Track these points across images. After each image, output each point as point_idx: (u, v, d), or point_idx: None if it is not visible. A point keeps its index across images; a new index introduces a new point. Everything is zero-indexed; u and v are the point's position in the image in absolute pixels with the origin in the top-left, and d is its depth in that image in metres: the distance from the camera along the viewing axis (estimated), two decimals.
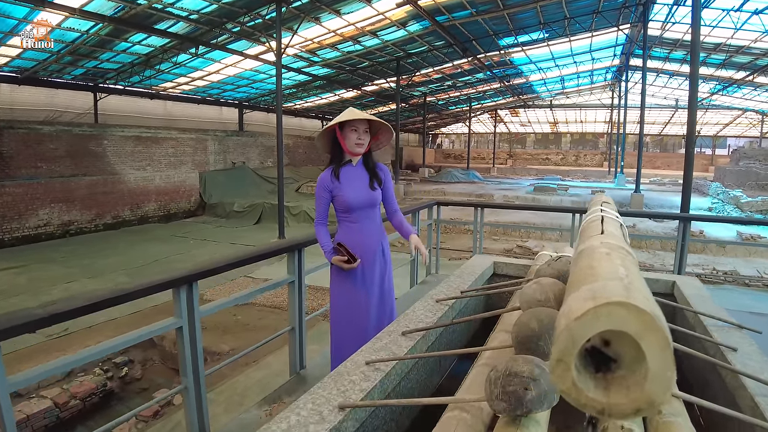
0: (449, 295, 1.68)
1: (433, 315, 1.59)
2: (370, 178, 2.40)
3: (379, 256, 2.43)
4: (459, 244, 11.18)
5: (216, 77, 17.20)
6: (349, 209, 2.35)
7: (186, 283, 2.25)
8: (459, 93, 27.47)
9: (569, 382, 0.51)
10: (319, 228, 2.45)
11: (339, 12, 12.29)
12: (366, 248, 2.37)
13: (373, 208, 2.41)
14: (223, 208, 17.97)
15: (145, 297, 2.14)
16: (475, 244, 5.42)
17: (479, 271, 2.20)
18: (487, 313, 1.39)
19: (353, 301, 2.38)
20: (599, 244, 0.69)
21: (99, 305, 1.95)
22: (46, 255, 11.96)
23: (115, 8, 10.41)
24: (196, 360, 2.37)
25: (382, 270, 2.45)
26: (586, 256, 0.64)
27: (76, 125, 14.94)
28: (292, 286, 2.91)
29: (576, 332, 0.49)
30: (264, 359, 5.67)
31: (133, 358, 6.96)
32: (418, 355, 1.28)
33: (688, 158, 8.11)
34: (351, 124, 2.30)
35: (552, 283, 1.22)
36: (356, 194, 2.34)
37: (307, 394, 1.09)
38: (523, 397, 0.77)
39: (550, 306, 1.21)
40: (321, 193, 2.37)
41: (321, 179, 2.39)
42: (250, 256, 2.53)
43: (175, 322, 2.27)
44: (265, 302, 8.08)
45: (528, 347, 0.98)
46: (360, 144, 2.32)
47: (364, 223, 2.39)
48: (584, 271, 0.56)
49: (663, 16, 15.13)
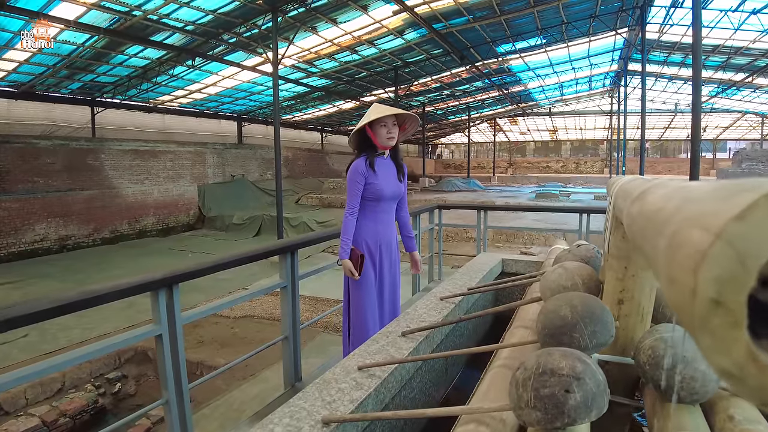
0: (455, 293, 1.48)
1: (437, 314, 1.39)
2: (397, 171, 2.50)
3: (395, 249, 2.53)
4: (462, 250, 10.96)
5: (213, 89, 17.13)
6: (379, 198, 2.40)
7: (165, 286, 2.06)
8: (458, 102, 27.41)
9: (741, 349, 0.24)
10: (349, 220, 2.44)
11: (335, 21, 12.22)
12: (387, 239, 2.47)
13: (396, 201, 2.50)
14: (222, 220, 17.78)
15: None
16: (479, 250, 5.21)
17: (486, 268, 2.00)
18: (502, 306, 1.18)
19: (369, 291, 2.43)
20: (669, 179, 0.50)
21: (66, 308, 1.75)
22: (42, 270, 11.77)
23: (110, 20, 10.33)
24: (179, 371, 2.16)
25: (395, 262, 2.54)
26: (661, 186, 0.45)
27: (73, 139, 14.83)
28: (284, 292, 2.70)
29: (744, 244, 0.24)
30: (261, 373, 5.44)
31: (126, 373, 6.72)
32: (421, 357, 1.07)
33: (694, 161, 7.89)
34: (380, 121, 2.37)
35: (579, 267, 1.02)
36: (388, 185, 2.41)
37: (284, 406, 0.89)
38: (564, 402, 0.57)
39: None
40: (356, 179, 2.37)
41: (356, 166, 2.39)
42: (237, 258, 2.33)
43: (153, 329, 2.07)
44: (264, 314, 7.85)
45: (559, 341, 0.78)
46: (391, 137, 2.39)
47: (387, 215, 2.48)
48: (678, 193, 0.36)
49: (660, 19, 15.05)
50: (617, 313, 0.89)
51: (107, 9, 9.71)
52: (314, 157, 27.40)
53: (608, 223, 0.96)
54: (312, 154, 27.29)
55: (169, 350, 2.12)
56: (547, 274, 1.05)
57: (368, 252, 2.42)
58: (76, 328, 7.25)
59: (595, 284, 1.01)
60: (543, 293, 1.04)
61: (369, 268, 2.43)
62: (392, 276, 2.50)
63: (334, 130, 30.07)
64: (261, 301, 8.35)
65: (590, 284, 1.00)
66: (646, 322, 0.90)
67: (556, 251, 1.99)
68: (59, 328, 7.26)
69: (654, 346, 0.76)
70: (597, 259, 1.27)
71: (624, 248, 0.86)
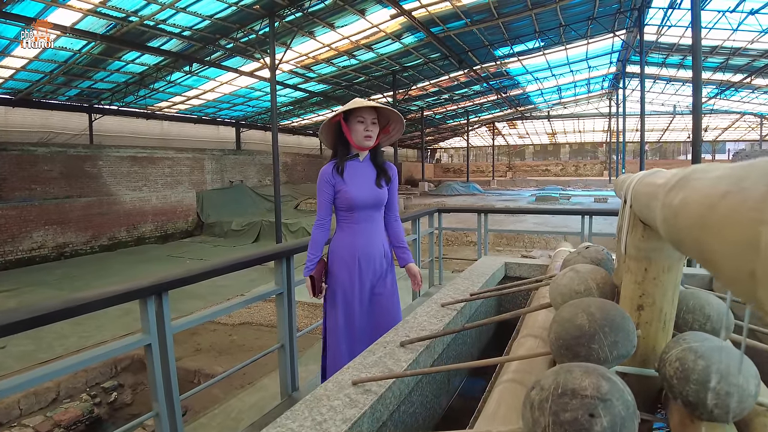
0: (456, 299, 1.39)
1: (438, 321, 1.30)
2: (377, 175, 2.17)
3: (380, 261, 2.20)
4: (462, 255, 10.88)
5: (211, 95, 17.09)
6: (351, 207, 2.12)
7: (154, 294, 1.97)
8: (456, 106, 27.40)
9: None
10: (314, 233, 2.22)
11: (333, 25, 12.19)
12: (367, 252, 2.15)
13: (377, 209, 2.18)
14: (221, 227, 17.68)
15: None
16: (480, 255, 5.12)
17: (489, 272, 1.92)
18: (508, 314, 1.10)
19: (347, 310, 2.16)
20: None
21: (46, 318, 1.66)
22: (39, 278, 11.67)
23: (106, 26, 10.29)
24: (169, 382, 2.08)
25: (383, 275, 2.21)
26: (703, 171, 0.38)
27: (70, 146, 14.76)
28: (280, 299, 2.61)
29: None
30: (259, 381, 5.33)
31: (123, 382, 6.62)
32: (421, 371, 0.98)
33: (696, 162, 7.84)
34: (357, 115, 2.07)
35: (592, 270, 0.94)
36: (360, 191, 2.11)
37: (271, 426, 0.81)
38: (589, 428, 0.49)
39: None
40: (322, 188, 2.13)
41: (322, 173, 2.13)
42: (228, 264, 2.24)
43: (142, 339, 1.98)
44: (262, 321, 7.75)
45: (575, 353, 0.70)
46: (368, 137, 2.09)
47: (366, 224, 2.16)
48: (738, 174, 0.30)
49: (658, 21, 15.03)
50: (637, 320, 0.81)
51: (103, 15, 9.66)
52: (313, 162, 27.35)
53: (624, 222, 0.88)
54: (311, 160, 27.24)
55: (159, 360, 2.04)
56: (557, 279, 0.97)
57: (344, 268, 2.15)
58: (72, 336, 7.15)
59: (610, 289, 0.92)
60: (553, 299, 0.95)
61: (340, 287, 2.16)
62: (381, 293, 2.19)
63: None
64: (260, 307, 8.25)
65: (605, 289, 0.92)
66: (668, 329, 0.81)
67: (561, 254, 1.91)
68: (55, 336, 7.16)
69: (682, 357, 0.68)
70: (608, 261, 1.19)
71: (644, 248, 0.78)
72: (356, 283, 2.15)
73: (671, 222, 0.40)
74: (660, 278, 0.78)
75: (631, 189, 0.80)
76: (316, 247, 2.19)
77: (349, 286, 2.15)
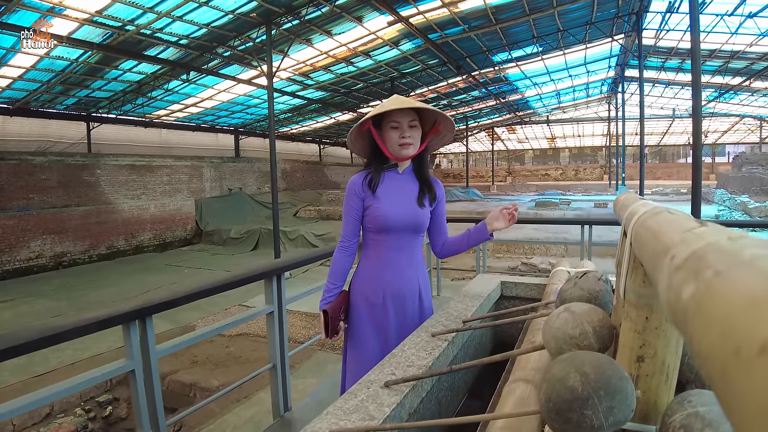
0: (448, 326, 1.32)
1: (427, 355, 1.23)
2: (420, 190, 1.73)
3: (413, 303, 1.73)
4: (461, 263, 10.80)
5: (210, 103, 17.07)
6: (383, 229, 1.67)
7: (137, 318, 1.90)
8: (455, 112, 27.36)
9: None
10: (336, 258, 1.77)
11: (330, 33, 12.16)
12: (397, 289, 1.70)
13: (416, 234, 1.72)
14: (219, 235, 17.61)
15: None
16: (479, 262, 5.05)
17: (484, 294, 1.84)
18: (498, 356, 1.02)
19: (368, 360, 1.68)
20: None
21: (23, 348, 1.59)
22: (37, 288, 11.61)
23: (103, 35, 10.27)
24: (154, 408, 2.01)
25: (415, 318, 1.73)
26: (739, 241, 0.30)
27: (68, 155, 14.73)
28: (270, 318, 2.54)
29: None
30: (255, 395, 5.25)
31: (118, 395, 6.53)
32: (400, 426, 0.90)
33: (696, 166, 7.74)
34: (390, 119, 1.65)
35: (588, 312, 0.87)
36: (396, 209, 1.66)
37: None
38: None
39: (588, 345, 0.85)
40: (349, 201, 1.71)
41: (351, 184, 1.72)
42: (215, 285, 2.17)
43: (126, 365, 1.91)
44: (260, 332, 7.66)
45: (566, 418, 0.63)
46: (406, 144, 1.64)
47: (399, 253, 1.70)
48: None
49: (656, 25, 15.02)
50: (637, 372, 0.74)
51: (100, 24, 9.64)
52: (312, 169, 27.32)
53: (623, 260, 0.81)
54: (310, 166, 27.21)
55: (143, 386, 1.97)
56: (551, 320, 0.89)
57: (366, 307, 1.72)
58: (68, 349, 7.07)
59: (608, 332, 0.85)
60: (546, 342, 0.88)
61: (361, 330, 1.74)
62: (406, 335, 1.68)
63: (332, 141, 30.04)
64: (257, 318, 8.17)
65: (602, 332, 0.85)
66: (671, 382, 0.74)
67: (558, 274, 1.84)
68: (51, 349, 7.05)
69: (687, 424, 0.61)
70: (606, 292, 1.12)
71: (646, 295, 0.71)
72: (381, 329, 1.72)
73: (679, 317, 0.33)
74: (663, 328, 0.71)
75: (631, 227, 0.73)
76: (337, 276, 1.76)
77: (370, 331, 1.73)
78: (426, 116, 1.71)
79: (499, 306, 2.05)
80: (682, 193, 23.71)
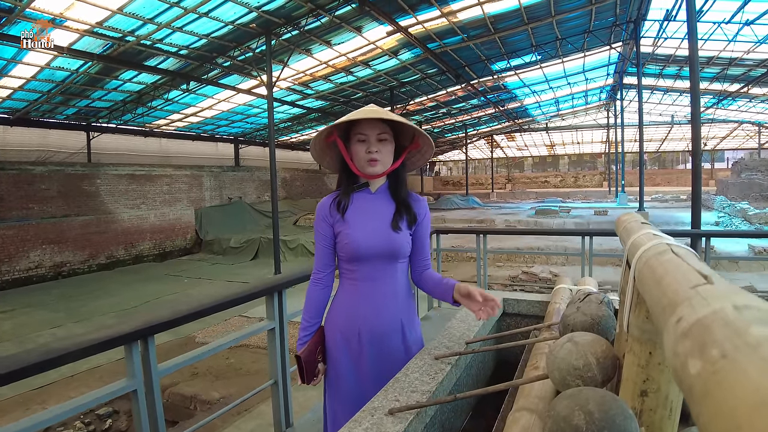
0: (451, 348, 1.32)
1: (431, 379, 1.22)
2: (396, 212, 1.50)
3: (396, 342, 1.50)
4: (462, 272, 10.79)
5: (209, 113, 17.12)
6: (354, 258, 1.47)
7: (140, 338, 1.90)
8: (454, 120, 27.48)
9: None
10: (310, 292, 1.57)
11: (329, 43, 12.24)
12: (374, 326, 1.47)
13: (393, 262, 1.49)
14: (219, 244, 17.60)
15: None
16: (479, 273, 5.04)
17: None
18: (501, 385, 1.02)
19: (350, 408, 1.43)
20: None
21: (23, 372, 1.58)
22: (36, 298, 11.58)
23: (103, 46, 10.33)
24: (156, 427, 2.00)
25: (399, 357, 1.50)
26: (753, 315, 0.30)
27: (68, 165, 14.75)
28: (271, 334, 2.53)
29: None
30: (257, 407, 5.21)
31: (118, 408, 6.49)
32: None
33: (696, 174, 7.75)
34: (357, 131, 1.45)
35: (592, 342, 0.87)
36: (368, 235, 1.46)
37: None
38: None
39: (591, 376, 0.85)
40: (318, 228, 1.53)
41: (319, 206, 1.54)
42: (217, 303, 2.16)
43: (128, 385, 1.90)
44: (260, 343, 7.63)
45: None
46: (373, 161, 1.43)
47: (375, 284, 1.48)
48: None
49: (654, 33, 15.12)
50: (640, 407, 0.74)
51: (100, 35, 9.70)
52: (312, 177, 27.37)
53: (627, 293, 0.81)
54: (310, 175, 27.25)
55: (145, 406, 1.96)
56: (555, 350, 0.90)
57: (343, 346, 1.50)
58: None
59: (611, 363, 0.85)
60: (550, 372, 0.88)
61: (338, 373, 1.51)
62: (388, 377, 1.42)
63: None
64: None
65: (605, 363, 0.85)
66: (675, 417, 0.74)
67: (560, 293, 1.84)
68: None
69: None
70: (608, 317, 1.12)
71: (648, 331, 0.71)
72: (358, 368, 1.49)
73: (686, 390, 0.33)
74: (666, 364, 0.71)
75: (635, 263, 0.73)
76: (312, 312, 1.56)
77: (346, 369, 1.50)
78: (404, 130, 1.52)
79: (501, 324, 2.05)
80: (681, 199, 23.72)
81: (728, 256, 10.24)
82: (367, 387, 1.44)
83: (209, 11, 9.46)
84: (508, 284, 10.01)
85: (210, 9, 9.38)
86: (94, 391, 1.83)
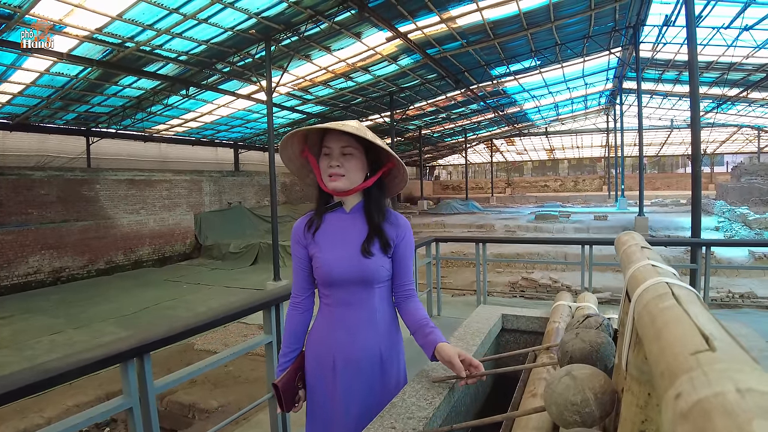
0: (448, 371, 1.31)
1: (428, 405, 1.21)
2: (369, 235, 1.38)
3: (372, 371, 1.39)
4: (462, 278, 10.77)
5: (209, 118, 17.14)
6: (327, 282, 1.39)
7: (135, 356, 1.88)
8: (454, 125, 27.52)
9: None
10: (289, 315, 1.51)
11: (329, 48, 12.26)
12: (349, 354, 1.38)
13: (368, 288, 1.38)
14: (219, 249, 17.58)
15: None
16: (479, 282, 5.03)
17: (485, 329, 1.83)
18: (500, 416, 1.01)
19: (320, 421, 1.44)
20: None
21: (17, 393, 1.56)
22: (35, 304, 11.56)
23: (103, 52, 10.34)
24: None
25: (374, 394, 1.39)
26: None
27: (68, 170, 14.75)
28: (269, 348, 2.52)
29: None
30: (255, 416, 5.19)
31: (116, 417, 6.46)
32: None
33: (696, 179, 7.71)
34: (323, 144, 1.38)
35: (590, 376, 0.86)
36: (338, 259, 1.36)
37: None
38: None
39: (589, 412, 0.84)
40: (294, 250, 1.46)
41: (294, 228, 1.47)
42: (214, 318, 2.15)
43: (123, 403, 1.89)
44: (259, 351, 7.60)
45: None
46: (335, 176, 1.34)
47: (352, 310, 1.39)
48: None
49: (653, 38, 15.17)
50: None
51: (100, 41, 9.71)
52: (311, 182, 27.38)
53: (626, 328, 0.80)
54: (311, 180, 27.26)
55: (141, 424, 1.95)
56: (552, 384, 0.88)
57: (320, 374, 1.42)
58: None
59: (609, 398, 0.84)
60: (548, 407, 0.87)
61: (316, 402, 1.44)
62: (371, 409, 1.34)
63: None
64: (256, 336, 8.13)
65: (604, 399, 0.83)
66: None
67: (559, 310, 1.83)
68: None
69: None
70: (607, 344, 1.11)
71: (647, 372, 0.70)
72: (333, 397, 1.39)
73: None
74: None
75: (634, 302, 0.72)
76: (292, 338, 1.49)
77: (323, 397, 1.42)
78: (381, 149, 1.38)
79: (501, 339, 2.04)
80: (681, 203, 23.74)
81: (728, 263, 10.23)
82: (340, 417, 1.37)
83: (209, 17, 9.47)
84: (508, 291, 9.99)
85: (210, 15, 9.40)
86: (88, 410, 1.82)
